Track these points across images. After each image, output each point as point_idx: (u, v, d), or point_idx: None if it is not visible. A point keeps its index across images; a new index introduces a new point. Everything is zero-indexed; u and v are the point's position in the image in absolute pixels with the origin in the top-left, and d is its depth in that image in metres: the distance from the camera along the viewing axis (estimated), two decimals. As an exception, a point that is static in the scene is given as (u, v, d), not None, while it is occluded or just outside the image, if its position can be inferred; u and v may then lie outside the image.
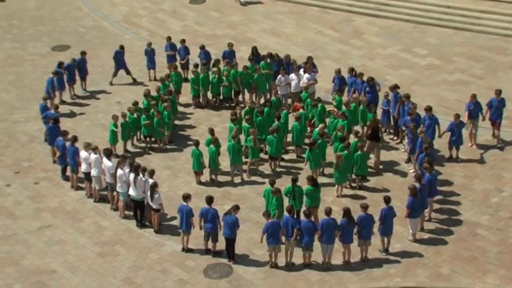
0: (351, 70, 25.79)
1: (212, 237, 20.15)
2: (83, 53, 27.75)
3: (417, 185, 20.31)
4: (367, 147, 22.85)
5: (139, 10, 34.07)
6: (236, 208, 19.74)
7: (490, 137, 24.57)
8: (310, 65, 25.95)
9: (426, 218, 21.11)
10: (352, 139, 22.92)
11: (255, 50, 27.40)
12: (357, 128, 24.07)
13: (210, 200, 20.01)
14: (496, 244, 20.42)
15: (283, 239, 19.84)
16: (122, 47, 28.12)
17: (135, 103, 24.87)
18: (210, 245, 20.31)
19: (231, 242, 19.91)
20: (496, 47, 29.80)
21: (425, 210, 20.95)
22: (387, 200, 19.94)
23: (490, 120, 24.45)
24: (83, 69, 27.73)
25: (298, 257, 19.99)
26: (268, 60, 26.43)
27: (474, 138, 24.24)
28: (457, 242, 20.52)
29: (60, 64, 27.13)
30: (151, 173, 21.12)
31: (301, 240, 19.57)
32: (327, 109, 24.47)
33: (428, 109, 23.28)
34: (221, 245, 20.38)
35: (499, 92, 24.28)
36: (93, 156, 21.97)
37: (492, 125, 24.52)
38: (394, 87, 24.53)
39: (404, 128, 23.51)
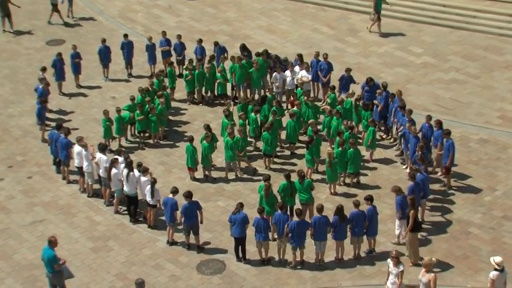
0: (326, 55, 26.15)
1: (194, 231, 20.16)
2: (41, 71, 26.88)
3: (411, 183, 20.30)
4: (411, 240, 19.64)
5: (134, 5, 33.99)
6: (242, 206, 19.70)
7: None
8: (307, 65, 25.95)
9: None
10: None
11: (243, 46, 27.38)
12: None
13: (189, 194, 19.96)
14: (489, 243, 20.47)
15: (275, 235, 19.88)
16: (104, 40, 28.04)
17: (132, 98, 24.83)
18: (191, 239, 20.36)
19: (241, 241, 19.80)
20: (491, 46, 29.84)
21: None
22: (371, 199, 19.77)
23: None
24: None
25: (291, 254, 19.99)
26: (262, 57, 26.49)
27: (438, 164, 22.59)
28: (450, 240, 20.56)
29: (59, 54, 27.13)
30: (145, 171, 21.09)
31: (292, 239, 19.53)
32: (321, 108, 24.48)
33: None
34: (204, 240, 20.42)
35: (447, 133, 21.72)
36: (84, 152, 21.94)
37: (442, 169, 22.27)
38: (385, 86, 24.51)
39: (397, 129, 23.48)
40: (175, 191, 20.26)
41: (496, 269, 17.21)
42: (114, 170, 21.24)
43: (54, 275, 18.20)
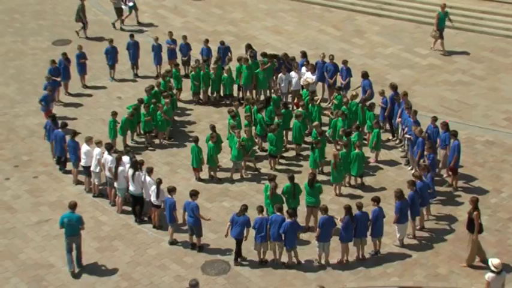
0: (332, 57, 26.06)
1: (195, 231, 20.17)
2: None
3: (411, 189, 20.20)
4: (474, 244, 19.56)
5: (141, 6, 33.97)
6: (246, 209, 19.65)
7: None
8: (312, 66, 25.93)
9: (418, 227, 20.80)
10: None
11: (249, 45, 27.41)
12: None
13: (193, 192, 20.00)
14: (494, 245, 20.44)
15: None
16: (111, 41, 28.08)
17: (141, 100, 24.74)
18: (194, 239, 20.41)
19: (238, 242, 19.78)
20: (497, 47, 29.81)
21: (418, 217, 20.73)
22: (378, 200, 19.76)
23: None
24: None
25: (287, 254, 19.96)
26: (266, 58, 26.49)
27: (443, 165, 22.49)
28: (455, 242, 20.53)
29: (64, 54, 27.17)
30: (150, 171, 21.10)
31: (285, 241, 19.42)
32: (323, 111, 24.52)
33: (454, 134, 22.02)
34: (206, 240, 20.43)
35: (454, 134, 21.80)
36: (96, 150, 21.91)
37: (448, 170, 22.26)
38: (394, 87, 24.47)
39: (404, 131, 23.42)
40: (172, 189, 20.25)
41: (493, 271, 17.15)
42: (120, 168, 21.26)
43: (78, 236, 19.57)
